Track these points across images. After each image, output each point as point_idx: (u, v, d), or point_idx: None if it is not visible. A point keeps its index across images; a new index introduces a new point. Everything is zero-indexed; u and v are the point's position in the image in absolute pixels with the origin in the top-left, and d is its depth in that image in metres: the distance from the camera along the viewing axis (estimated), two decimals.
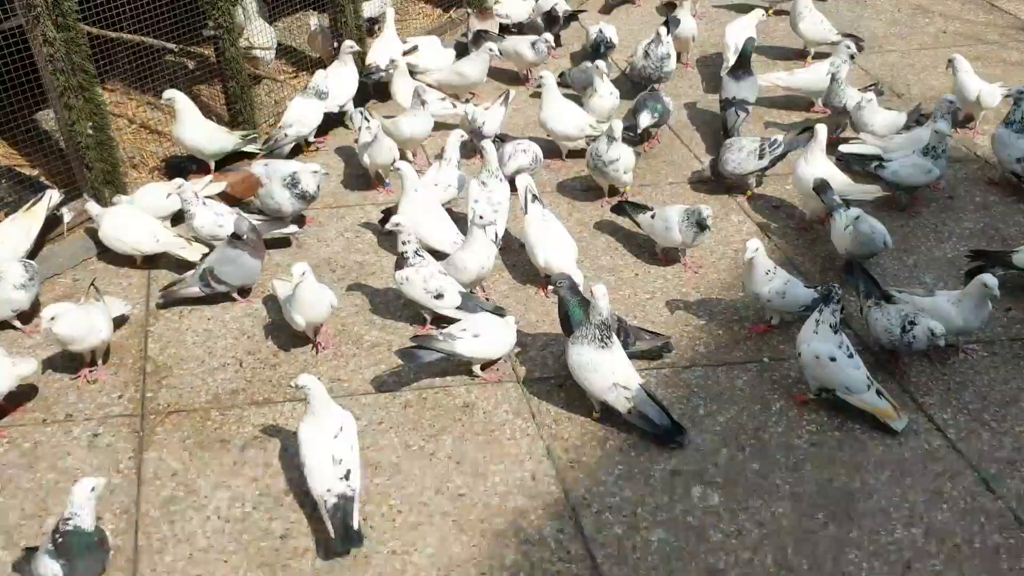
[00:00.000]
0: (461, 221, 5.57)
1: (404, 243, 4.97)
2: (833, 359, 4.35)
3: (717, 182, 6.23)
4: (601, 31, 7.53)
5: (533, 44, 7.36)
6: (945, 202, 6.03)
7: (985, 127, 6.66)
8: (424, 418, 4.55)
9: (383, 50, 7.28)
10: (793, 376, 4.73)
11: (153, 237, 5.48)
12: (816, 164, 5.71)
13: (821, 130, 5.78)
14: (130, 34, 6.35)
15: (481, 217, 5.08)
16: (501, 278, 5.48)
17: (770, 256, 5.00)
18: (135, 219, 5.52)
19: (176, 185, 5.43)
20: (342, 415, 4.09)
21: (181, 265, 5.46)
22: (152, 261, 5.55)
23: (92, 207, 5.49)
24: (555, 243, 5.27)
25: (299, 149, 6.64)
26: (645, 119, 6.37)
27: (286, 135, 6.42)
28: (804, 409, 4.55)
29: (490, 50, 6.99)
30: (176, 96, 6.01)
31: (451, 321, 4.89)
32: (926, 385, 4.67)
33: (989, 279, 4.57)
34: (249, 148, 6.32)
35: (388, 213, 5.87)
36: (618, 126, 5.77)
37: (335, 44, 7.05)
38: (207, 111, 6.44)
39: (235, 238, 5.13)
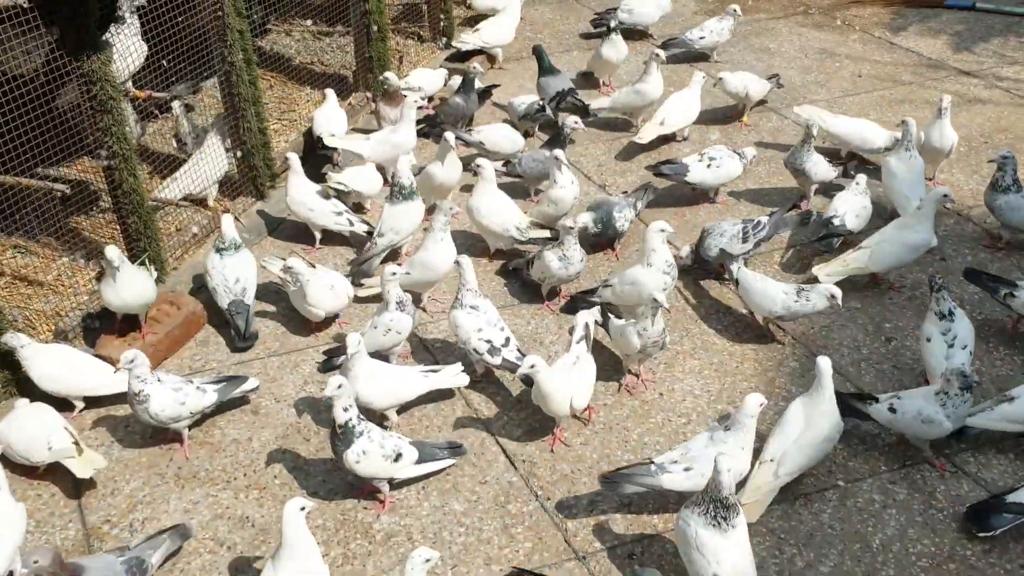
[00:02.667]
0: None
1: (345, 409, 4.08)
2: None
3: (701, 270, 5.68)
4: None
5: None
6: (938, 264, 5.71)
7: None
8: None
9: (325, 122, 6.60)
10: (874, 497, 4.20)
11: (46, 444, 4.30)
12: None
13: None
14: None
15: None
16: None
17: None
18: (31, 420, 4.38)
19: (128, 359, 4.31)
20: None
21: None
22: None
23: None
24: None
25: None
26: (584, 219, 5.70)
27: (376, 243, 5.64)
28: (906, 540, 4.01)
29: (448, 138, 6.10)
30: (114, 256, 4.88)
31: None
32: None
33: None
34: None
35: (331, 355, 4.98)
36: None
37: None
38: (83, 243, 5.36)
39: None
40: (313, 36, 8.64)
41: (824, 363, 4.22)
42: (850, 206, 5.78)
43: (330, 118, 6.67)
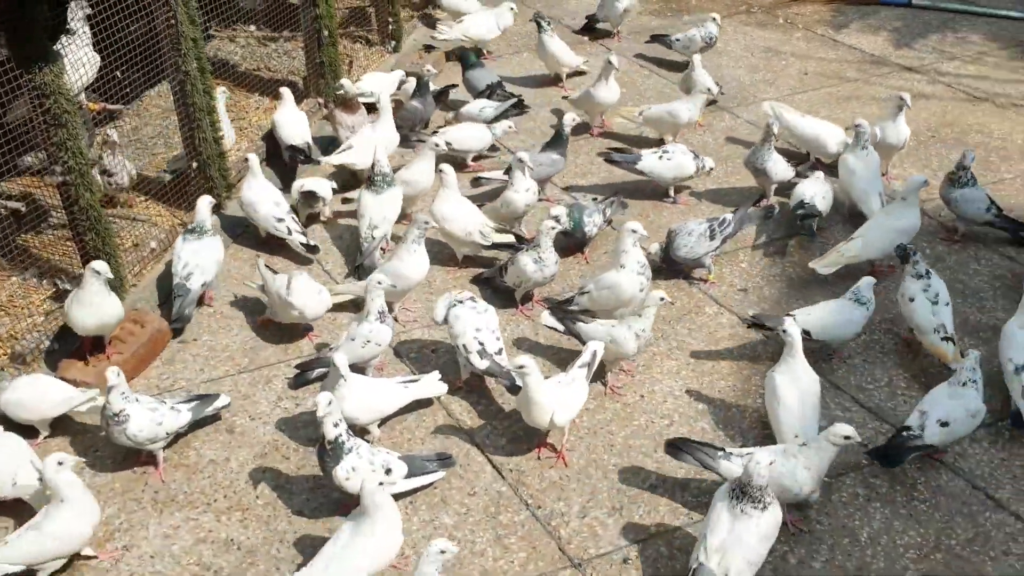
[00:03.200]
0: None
1: (335, 425, 4.01)
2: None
3: (670, 270, 5.71)
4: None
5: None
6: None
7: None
8: None
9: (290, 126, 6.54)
10: (857, 491, 4.26)
11: (10, 479, 4.10)
12: None
13: None
14: None
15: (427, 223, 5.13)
16: None
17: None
18: None
19: (115, 375, 4.18)
20: None
21: None
22: None
23: None
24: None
25: None
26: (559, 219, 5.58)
27: (373, 237, 5.75)
28: (892, 533, 4.09)
29: (436, 146, 6.09)
30: (103, 270, 4.78)
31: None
32: None
33: None
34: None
35: (304, 369, 4.87)
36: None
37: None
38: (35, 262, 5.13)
39: None
40: (258, 42, 8.47)
41: (793, 328, 4.42)
42: (816, 190, 5.95)
43: (292, 120, 6.56)
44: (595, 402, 4.78)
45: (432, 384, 4.69)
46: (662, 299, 4.68)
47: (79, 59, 5.16)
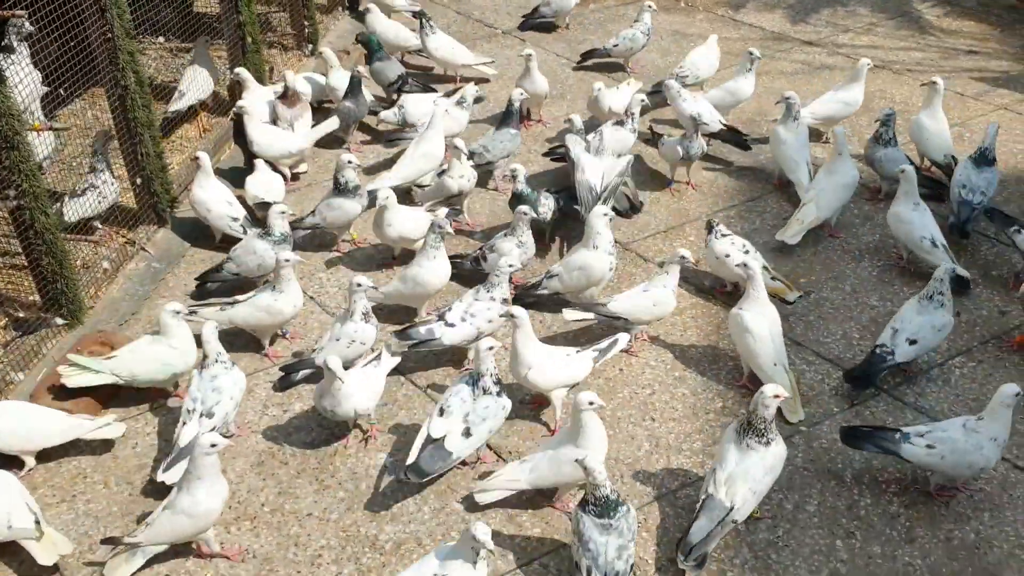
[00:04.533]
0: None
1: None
2: None
3: None
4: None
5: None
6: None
7: None
8: None
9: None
10: (835, 436, 4.56)
11: (4, 522, 3.87)
12: None
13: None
14: None
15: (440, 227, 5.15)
16: None
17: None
18: None
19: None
20: None
21: None
22: None
23: None
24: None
25: None
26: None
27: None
28: (873, 471, 4.40)
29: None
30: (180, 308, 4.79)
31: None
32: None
33: None
34: None
35: (288, 371, 4.91)
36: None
37: None
38: None
39: None
40: (170, 53, 8.30)
41: (754, 263, 4.79)
42: (701, 108, 6.67)
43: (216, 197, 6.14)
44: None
45: (389, 360, 4.75)
46: (683, 257, 5.01)
47: (20, 79, 4.99)
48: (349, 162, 5.71)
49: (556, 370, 4.59)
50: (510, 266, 4.94)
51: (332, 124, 6.82)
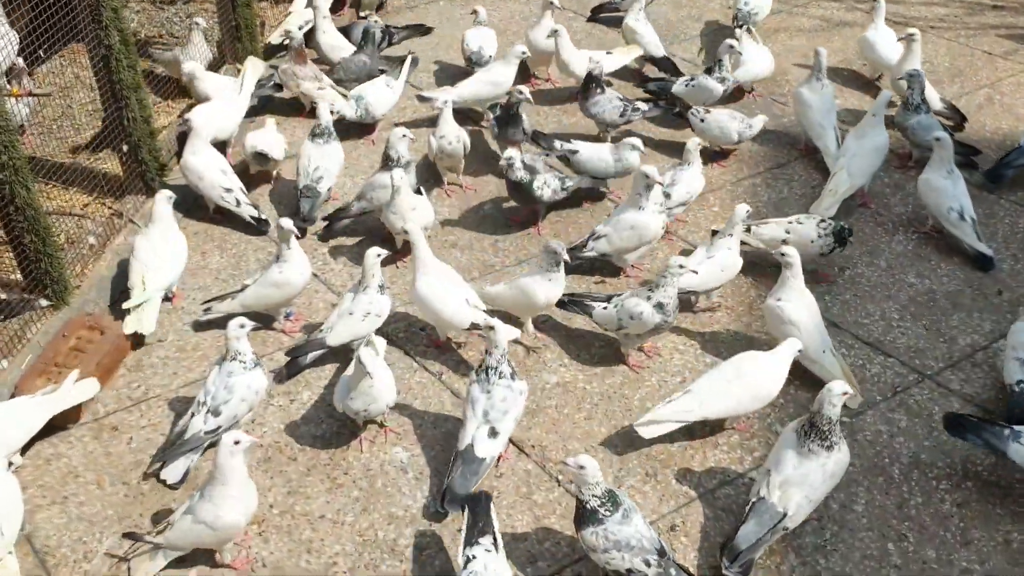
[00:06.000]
0: None
1: None
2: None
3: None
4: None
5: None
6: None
7: None
8: None
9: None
10: (880, 428, 4.29)
11: None
12: None
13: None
14: None
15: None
16: None
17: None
18: None
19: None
20: None
21: None
22: None
23: None
24: None
25: None
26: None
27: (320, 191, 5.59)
28: (922, 466, 4.13)
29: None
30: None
31: None
32: None
33: None
34: None
35: (296, 355, 4.58)
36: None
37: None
38: None
39: None
40: (154, 5, 7.82)
41: (792, 251, 4.51)
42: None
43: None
44: (601, 367, 4.65)
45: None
46: (748, 212, 4.84)
47: None
48: (404, 135, 5.31)
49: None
50: (377, 255, 4.51)
51: (409, 66, 6.53)
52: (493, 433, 3.95)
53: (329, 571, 3.74)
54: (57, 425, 4.27)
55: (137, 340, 4.74)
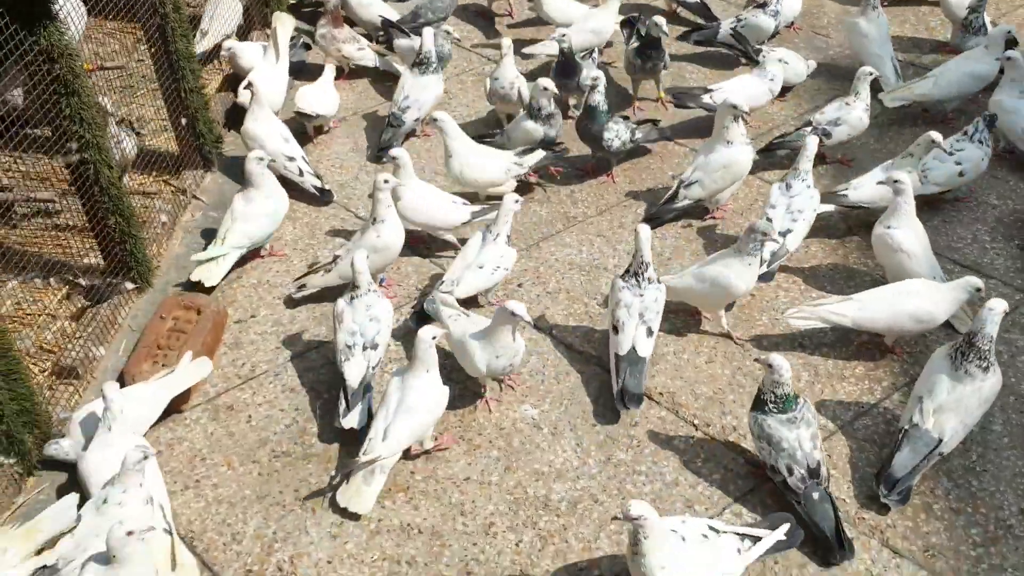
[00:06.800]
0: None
1: None
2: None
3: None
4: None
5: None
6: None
7: None
8: None
9: None
10: (999, 349, 4.30)
11: None
12: None
13: None
14: None
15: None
16: None
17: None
18: None
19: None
20: None
21: None
22: None
23: None
24: None
25: None
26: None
27: (404, 121, 5.68)
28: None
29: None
30: None
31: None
32: None
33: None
34: None
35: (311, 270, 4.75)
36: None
37: None
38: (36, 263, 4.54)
39: None
40: None
41: (906, 177, 4.45)
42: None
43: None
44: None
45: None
46: (934, 141, 4.80)
47: (68, 13, 4.32)
48: (545, 88, 5.28)
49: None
50: (516, 201, 4.53)
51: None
52: (649, 333, 4.08)
53: (488, 531, 3.68)
54: (170, 409, 4.15)
55: (202, 290, 4.69)
